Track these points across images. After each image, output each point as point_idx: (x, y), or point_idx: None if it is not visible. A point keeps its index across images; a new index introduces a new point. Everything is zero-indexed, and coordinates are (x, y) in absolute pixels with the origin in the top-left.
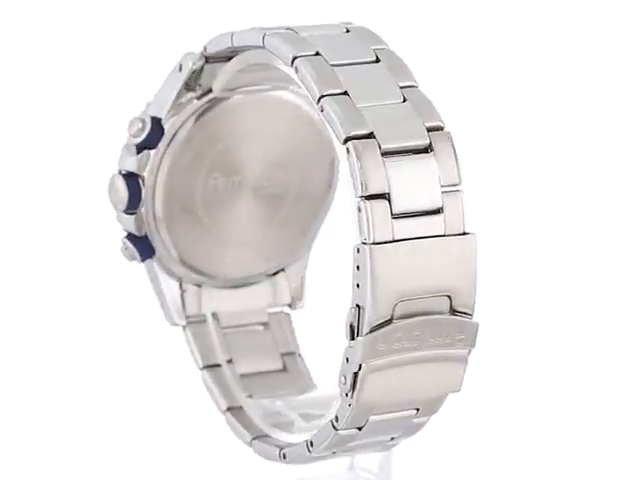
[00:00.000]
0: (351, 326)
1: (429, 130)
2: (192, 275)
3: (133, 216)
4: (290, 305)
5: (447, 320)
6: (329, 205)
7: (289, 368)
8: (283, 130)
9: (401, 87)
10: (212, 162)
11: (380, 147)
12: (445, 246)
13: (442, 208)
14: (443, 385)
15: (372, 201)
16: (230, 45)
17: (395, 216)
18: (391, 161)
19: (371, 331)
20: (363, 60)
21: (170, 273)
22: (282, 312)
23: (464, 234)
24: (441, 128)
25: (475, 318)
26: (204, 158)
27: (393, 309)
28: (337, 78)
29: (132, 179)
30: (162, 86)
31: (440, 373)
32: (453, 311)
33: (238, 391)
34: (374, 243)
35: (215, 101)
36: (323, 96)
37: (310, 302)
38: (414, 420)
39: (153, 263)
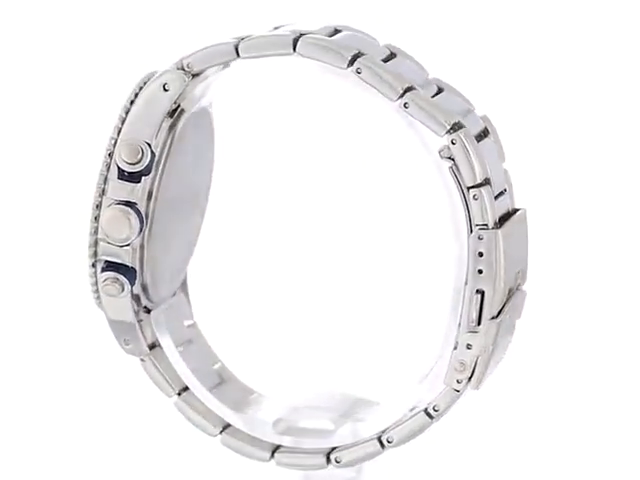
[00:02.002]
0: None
1: None
2: (145, 301)
3: (129, 247)
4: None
5: (519, 293)
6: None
7: (225, 378)
8: (207, 138)
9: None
10: (180, 178)
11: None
12: (517, 223)
13: (506, 187)
14: (499, 358)
15: (482, 188)
16: (235, 56)
17: (495, 199)
18: (481, 148)
19: (498, 313)
20: (387, 55)
21: (137, 302)
22: (193, 324)
23: (517, 210)
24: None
25: None
26: (177, 175)
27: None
28: (401, 74)
29: (134, 208)
30: (140, 107)
31: (503, 347)
32: (518, 284)
33: (220, 408)
34: (494, 227)
35: (181, 116)
36: (404, 92)
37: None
38: None
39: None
